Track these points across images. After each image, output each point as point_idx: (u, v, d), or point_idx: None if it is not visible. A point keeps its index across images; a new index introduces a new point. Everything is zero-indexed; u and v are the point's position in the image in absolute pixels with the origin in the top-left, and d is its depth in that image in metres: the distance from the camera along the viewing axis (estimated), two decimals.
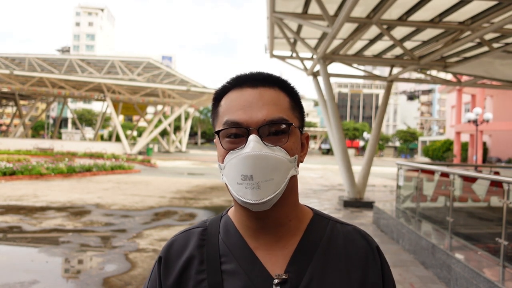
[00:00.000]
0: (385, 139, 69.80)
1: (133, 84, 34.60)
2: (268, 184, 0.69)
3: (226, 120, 0.73)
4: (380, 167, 30.77)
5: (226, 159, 0.72)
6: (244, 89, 0.75)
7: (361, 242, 0.80)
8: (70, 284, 4.43)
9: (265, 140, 0.70)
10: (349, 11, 6.42)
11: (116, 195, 10.96)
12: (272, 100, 0.74)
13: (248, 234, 0.77)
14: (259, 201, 0.68)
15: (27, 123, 51.81)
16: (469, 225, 6.07)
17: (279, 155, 0.70)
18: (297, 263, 0.74)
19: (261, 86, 0.75)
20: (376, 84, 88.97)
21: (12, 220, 7.34)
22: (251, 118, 0.71)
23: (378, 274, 0.78)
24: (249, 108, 0.72)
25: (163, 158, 32.55)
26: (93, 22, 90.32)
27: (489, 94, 29.86)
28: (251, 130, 0.70)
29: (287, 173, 0.71)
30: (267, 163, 0.68)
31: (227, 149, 0.72)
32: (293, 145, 0.74)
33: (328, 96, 9.91)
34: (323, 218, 0.83)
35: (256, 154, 0.68)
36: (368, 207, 9.69)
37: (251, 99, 0.73)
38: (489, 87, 16.00)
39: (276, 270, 0.74)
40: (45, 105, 59.93)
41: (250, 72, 0.78)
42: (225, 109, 0.75)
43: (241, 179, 0.69)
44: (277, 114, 0.72)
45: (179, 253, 0.80)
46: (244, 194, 0.69)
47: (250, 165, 0.68)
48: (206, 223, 0.84)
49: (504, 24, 6.46)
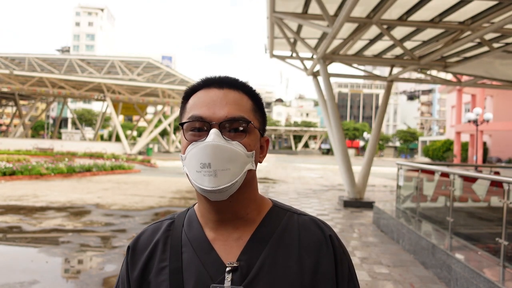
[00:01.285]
0: (385, 139, 69.79)
1: (133, 84, 34.60)
2: (224, 173, 0.73)
3: (192, 115, 0.78)
4: (380, 167, 30.77)
5: (187, 150, 0.77)
6: (211, 89, 0.81)
7: (315, 230, 0.83)
8: (70, 284, 4.43)
9: (225, 135, 0.76)
10: (349, 11, 6.42)
11: (116, 195, 10.96)
12: (235, 101, 0.79)
13: (208, 226, 0.82)
14: (215, 188, 0.73)
15: (27, 123, 51.79)
16: (469, 225, 6.07)
17: (236, 148, 0.75)
18: (249, 252, 0.79)
19: (226, 88, 0.81)
20: (376, 84, 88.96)
21: (12, 220, 7.34)
22: (214, 114, 0.77)
23: (330, 262, 0.80)
24: (213, 105, 0.78)
25: (163, 158, 32.55)
26: (93, 22, 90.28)
27: (489, 94, 29.86)
28: (212, 124, 0.76)
29: (243, 166, 0.76)
30: (224, 153, 0.74)
31: (190, 140, 0.77)
32: (251, 142, 0.79)
33: (328, 96, 9.91)
34: (282, 209, 0.87)
35: (215, 144, 0.73)
36: (368, 207, 9.68)
37: (216, 97, 0.79)
38: (489, 87, 16.01)
39: (230, 259, 0.78)
40: (45, 105, 59.91)
41: (219, 76, 0.84)
42: (192, 105, 0.81)
43: (200, 167, 0.74)
44: (238, 113, 0.78)
45: (146, 243, 0.85)
46: (202, 181, 0.74)
47: (209, 153, 0.73)
48: (175, 216, 0.90)
49: (504, 24, 6.46)
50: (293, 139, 70.06)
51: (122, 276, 0.86)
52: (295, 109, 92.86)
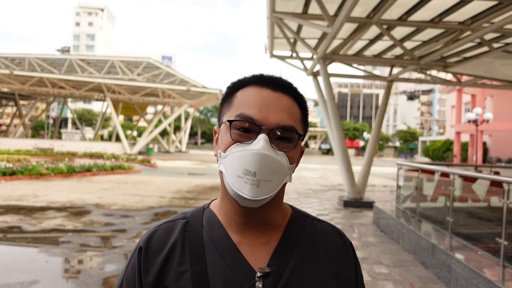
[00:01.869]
0: (385, 139, 69.79)
1: (133, 84, 34.60)
2: (266, 184, 0.70)
3: (241, 113, 0.74)
4: (380, 167, 30.77)
5: (230, 149, 0.73)
6: (264, 88, 0.76)
7: (337, 239, 0.85)
8: (70, 284, 4.43)
9: (272, 143, 0.72)
10: (349, 11, 6.42)
11: (116, 195, 10.96)
12: (288, 108, 0.76)
13: (232, 229, 0.79)
14: (254, 198, 0.70)
15: (27, 123, 51.79)
16: (469, 225, 6.07)
17: (282, 160, 0.72)
18: (279, 258, 0.77)
19: (280, 91, 0.77)
20: (376, 84, 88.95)
21: (12, 220, 7.34)
22: (266, 118, 0.73)
23: (351, 270, 0.83)
24: (265, 108, 0.74)
25: (163, 158, 32.55)
26: (93, 22, 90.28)
27: (489, 94, 29.86)
28: (262, 129, 0.72)
29: (283, 178, 0.74)
30: (271, 164, 0.70)
31: (235, 140, 0.73)
32: (295, 154, 0.76)
33: (328, 96, 9.91)
34: (301, 215, 0.87)
35: (265, 153, 0.69)
36: (368, 207, 9.68)
37: (269, 100, 0.75)
38: (489, 87, 16.00)
39: (259, 264, 0.76)
40: (45, 105, 59.93)
41: (272, 75, 0.79)
42: (241, 102, 0.76)
43: (243, 173, 0.70)
44: (291, 122, 0.74)
45: (161, 245, 0.79)
46: (242, 188, 0.70)
47: (256, 162, 0.69)
48: (187, 215, 0.84)
49: (504, 24, 6.46)
50: None
51: (129, 278, 0.79)
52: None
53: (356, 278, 0.83)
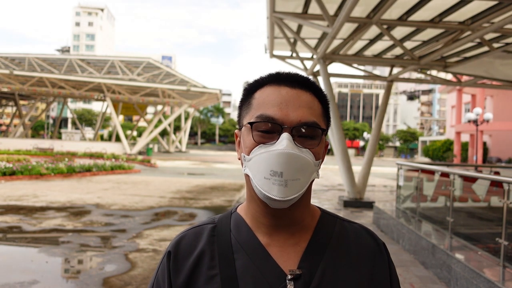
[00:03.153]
0: (385, 139, 69.79)
1: (133, 84, 34.61)
2: (294, 183, 0.69)
3: (261, 114, 0.73)
4: (380, 167, 30.77)
5: (254, 152, 0.72)
6: (282, 87, 0.75)
7: (368, 239, 0.82)
8: (70, 284, 4.43)
9: (296, 141, 0.71)
10: (349, 11, 6.42)
11: (116, 195, 10.96)
12: (308, 104, 0.75)
13: (261, 231, 0.78)
14: (283, 199, 0.69)
15: (27, 123, 51.80)
16: (469, 225, 6.07)
17: (307, 157, 0.71)
18: (310, 260, 0.75)
19: (298, 88, 0.76)
20: (376, 84, 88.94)
21: (12, 220, 7.33)
22: (286, 117, 0.72)
23: (385, 271, 0.80)
24: (285, 106, 0.73)
25: (163, 158, 32.56)
26: (93, 22, 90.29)
27: (489, 94, 29.87)
28: (284, 128, 0.71)
29: (311, 175, 0.73)
30: (297, 162, 0.69)
31: (258, 142, 0.72)
32: (320, 150, 0.75)
33: (328, 96, 9.88)
34: (331, 216, 0.85)
35: (290, 152, 0.68)
36: (368, 207, 9.68)
37: (288, 98, 0.74)
38: (489, 87, 16.01)
39: (289, 266, 0.74)
40: (45, 105, 59.93)
41: (289, 72, 0.78)
42: (260, 103, 0.75)
43: (270, 174, 0.69)
44: (312, 118, 0.73)
45: (190, 249, 0.79)
46: (270, 189, 0.69)
47: (282, 162, 0.68)
48: (215, 220, 0.84)
49: (504, 24, 6.46)
50: None
51: (159, 281, 0.80)
52: None
53: (391, 280, 0.80)
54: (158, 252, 5.54)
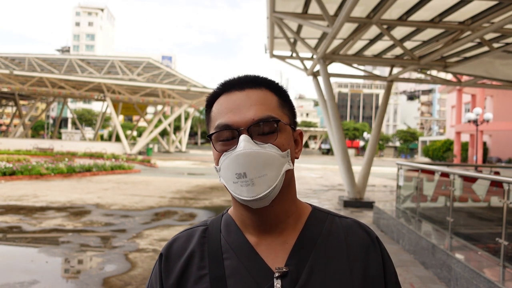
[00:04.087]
0: (385, 139, 69.78)
1: (133, 84, 34.60)
2: (262, 180, 0.70)
3: (218, 124, 0.75)
4: (380, 167, 30.77)
5: (220, 161, 0.74)
6: (232, 92, 0.77)
7: (361, 233, 0.82)
8: (70, 284, 4.43)
9: (255, 139, 0.72)
10: (349, 11, 6.42)
11: (116, 195, 10.96)
12: (259, 100, 0.76)
13: (248, 231, 0.79)
14: (255, 197, 0.70)
15: (27, 123, 51.80)
16: (469, 225, 6.07)
17: (270, 151, 0.72)
18: (297, 257, 0.76)
19: (248, 88, 0.77)
20: (376, 84, 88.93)
21: (12, 220, 7.33)
22: (240, 119, 0.73)
23: (379, 264, 0.79)
24: (237, 110, 0.74)
25: (163, 158, 32.55)
26: (93, 22, 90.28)
27: (489, 94, 29.86)
28: (241, 130, 0.72)
29: (280, 168, 0.73)
30: (258, 159, 0.70)
31: (220, 151, 0.74)
32: (284, 141, 0.75)
33: (328, 96, 9.90)
34: (322, 212, 0.85)
35: (247, 151, 0.70)
36: (368, 207, 9.68)
37: (239, 101, 0.75)
38: (489, 87, 16.01)
39: (277, 264, 0.75)
40: (45, 105, 59.91)
41: (238, 76, 0.80)
42: (216, 113, 0.77)
43: (235, 177, 0.71)
44: (265, 113, 0.74)
45: (181, 251, 0.81)
46: (240, 192, 0.71)
47: (242, 163, 0.70)
48: (207, 222, 0.85)
49: (504, 24, 6.46)
50: None
51: (153, 283, 0.82)
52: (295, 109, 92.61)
53: (385, 273, 0.79)
54: (158, 252, 5.54)
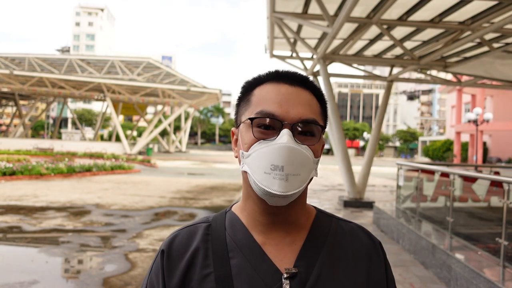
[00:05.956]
0: (385, 139, 69.78)
1: (133, 84, 34.61)
2: (295, 178, 0.69)
3: (261, 110, 0.73)
4: (380, 167, 30.77)
5: (253, 147, 0.72)
6: (281, 84, 0.76)
7: (365, 239, 0.83)
8: (70, 284, 4.43)
9: (295, 137, 0.71)
10: (349, 11, 6.42)
11: (116, 195, 10.96)
12: (307, 101, 0.75)
13: (257, 230, 0.77)
14: (284, 193, 0.69)
15: (27, 123, 51.80)
16: (469, 225, 6.07)
17: (307, 153, 0.71)
18: (306, 258, 0.75)
19: (297, 86, 0.76)
20: (376, 84, 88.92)
21: (12, 220, 7.34)
22: (287, 113, 0.72)
23: (381, 269, 0.80)
24: (285, 103, 0.73)
25: (163, 158, 32.55)
26: (93, 22, 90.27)
27: (489, 94, 29.86)
28: (285, 124, 0.71)
29: (310, 172, 0.73)
30: (298, 157, 0.69)
31: (258, 137, 0.72)
32: (318, 147, 0.76)
33: (328, 96, 9.90)
34: (326, 215, 0.85)
35: (292, 146, 0.69)
36: (368, 207, 9.68)
37: (288, 95, 0.74)
38: (489, 87, 16.00)
39: (285, 265, 0.74)
40: (45, 105, 59.93)
41: (288, 70, 0.79)
42: (260, 99, 0.75)
43: (270, 168, 0.69)
44: (312, 116, 0.74)
45: (184, 248, 0.78)
46: (271, 184, 0.69)
47: (284, 155, 0.68)
48: (209, 219, 0.83)
49: (504, 24, 6.45)
50: None
51: (153, 281, 0.78)
52: None
53: (387, 278, 0.81)
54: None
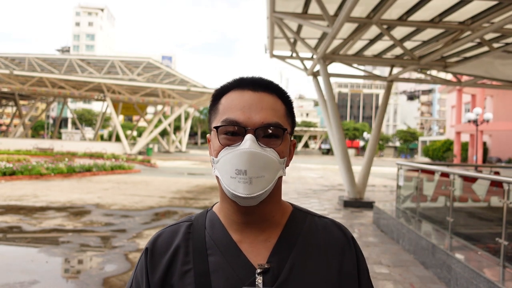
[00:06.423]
0: (385, 139, 69.76)
1: (133, 84, 34.59)
2: (259, 181, 0.74)
3: (226, 118, 0.77)
4: (380, 167, 30.76)
5: (221, 154, 0.77)
6: (245, 91, 0.80)
7: (337, 233, 0.86)
8: (70, 284, 4.43)
9: (259, 141, 0.75)
10: (349, 11, 6.42)
11: (116, 195, 10.96)
12: (270, 105, 0.79)
13: (233, 228, 0.82)
14: (249, 195, 0.73)
15: (27, 123, 51.78)
16: (469, 225, 6.07)
17: (271, 155, 0.75)
18: (279, 254, 0.79)
19: (261, 91, 0.80)
20: (376, 84, 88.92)
21: (12, 220, 7.33)
22: (249, 119, 0.76)
23: (353, 263, 0.83)
24: (248, 110, 0.77)
25: (163, 158, 32.55)
26: (93, 22, 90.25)
27: (489, 94, 29.85)
28: (248, 130, 0.75)
29: (276, 173, 0.77)
30: (260, 161, 0.74)
31: (224, 144, 0.77)
32: (284, 148, 0.79)
33: (328, 96, 9.91)
34: (302, 212, 0.89)
35: (252, 151, 0.73)
36: (368, 207, 9.68)
37: (251, 101, 0.78)
38: (489, 87, 16.00)
39: (259, 261, 0.78)
40: (45, 105, 59.91)
41: (252, 76, 0.83)
42: (225, 107, 0.79)
43: (235, 173, 0.74)
44: (274, 119, 0.77)
45: (166, 246, 0.83)
46: (236, 187, 0.74)
47: (245, 160, 0.73)
48: (192, 218, 0.88)
49: (504, 24, 6.46)
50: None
51: (138, 278, 0.83)
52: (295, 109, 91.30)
53: (358, 271, 0.84)
54: None
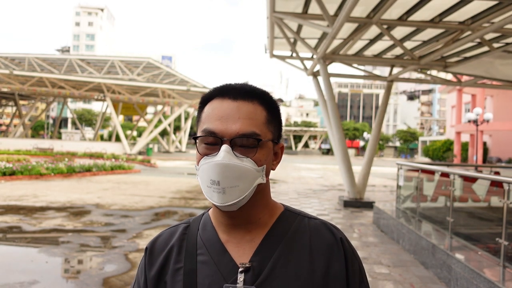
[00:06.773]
0: (385, 139, 69.75)
1: (133, 84, 34.59)
2: (233, 190, 0.76)
3: (205, 128, 0.80)
4: (380, 167, 30.76)
5: (200, 163, 0.80)
6: (225, 100, 0.81)
7: (326, 234, 0.86)
8: (70, 284, 4.43)
9: (236, 151, 0.77)
10: (349, 11, 6.42)
11: (116, 195, 10.96)
12: (247, 115, 0.80)
13: (221, 229, 0.86)
14: (223, 204, 0.77)
15: (27, 123, 51.77)
16: (469, 225, 6.07)
17: (246, 165, 0.77)
18: (261, 254, 0.81)
19: (240, 99, 0.81)
20: (376, 84, 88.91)
21: (12, 220, 7.33)
22: (226, 130, 0.78)
23: (341, 264, 0.83)
24: (225, 120, 0.79)
25: (163, 158, 32.54)
26: (93, 22, 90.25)
27: (489, 94, 29.85)
28: (224, 140, 0.77)
29: (253, 181, 0.78)
30: (234, 171, 0.76)
31: (202, 154, 0.79)
32: (262, 156, 0.80)
33: (328, 96, 9.90)
34: (293, 213, 0.89)
35: (224, 163, 0.75)
36: (368, 207, 9.68)
37: (229, 111, 0.79)
38: (489, 87, 16.00)
39: (243, 260, 0.81)
40: (45, 105, 59.89)
41: (234, 84, 0.84)
42: (206, 117, 0.82)
43: (210, 183, 0.77)
44: (250, 129, 0.78)
45: (163, 246, 0.88)
46: (212, 196, 0.78)
47: (218, 172, 0.75)
48: (190, 221, 0.93)
49: (504, 24, 6.45)
50: (293, 139, 70.02)
51: (139, 275, 0.90)
52: (295, 109, 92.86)
53: (347, 273, 0.82)
54: None
